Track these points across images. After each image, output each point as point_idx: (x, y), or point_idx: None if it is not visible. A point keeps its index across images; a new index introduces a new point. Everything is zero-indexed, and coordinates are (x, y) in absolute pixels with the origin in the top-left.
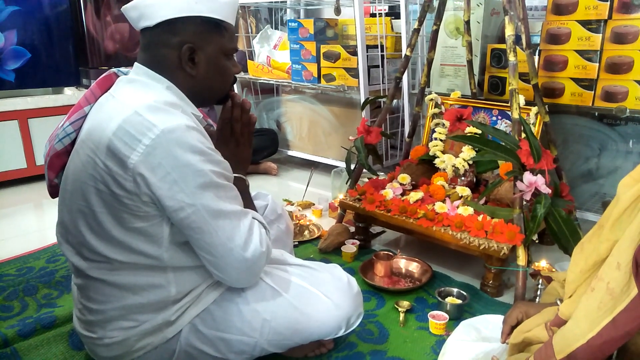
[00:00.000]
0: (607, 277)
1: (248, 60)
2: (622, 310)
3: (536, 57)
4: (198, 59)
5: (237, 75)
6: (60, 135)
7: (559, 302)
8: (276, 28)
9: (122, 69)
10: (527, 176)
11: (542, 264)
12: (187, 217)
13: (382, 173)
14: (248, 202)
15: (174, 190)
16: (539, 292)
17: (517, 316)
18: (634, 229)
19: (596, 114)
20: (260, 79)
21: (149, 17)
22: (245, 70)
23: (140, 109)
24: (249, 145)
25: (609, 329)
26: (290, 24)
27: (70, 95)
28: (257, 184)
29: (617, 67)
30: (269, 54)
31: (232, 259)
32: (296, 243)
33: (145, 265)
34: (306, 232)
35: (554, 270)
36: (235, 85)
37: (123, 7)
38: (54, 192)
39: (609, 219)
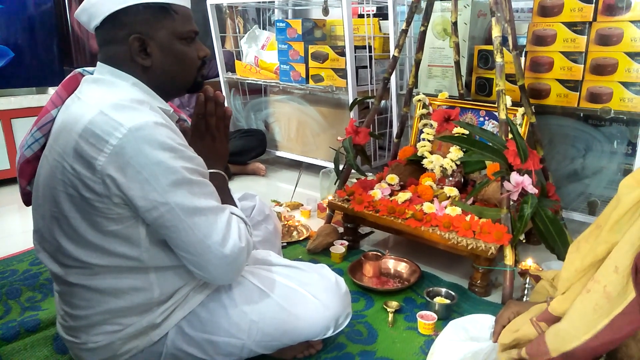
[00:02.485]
0: (604, 280)
1: (236, 61)
2: (619, 313)
3: (522, 59)
4: (150, 49)
5: (225, 76)
6: (29, 142)
7: (549, 300)
8: (264, 28)
9: (88, 68)
10: (514, 176)
11: (528, 263)
12: (161, 216)
13: (371, 174)
14: (227, 197)
15: (145, 189)
16: (526, 291)
17: (509, 316)
18: (634, 233)
19: (581, 114)
20: (248, 80)
21: (95, 16)
22: (233, 71)
23: (105, 108)
24: (225, 140)
25: (606, 332)
26: (278, 24)
27: None
28: (245, 185)
29: (602, 69)
30: (257, 54)
31: (210, 256)
32: (284, 244)
33: (125, 267)
34: (295, 233)
35: (540, 269)
36: (222, 86)
37: (75, 13)
38: (27, 200)
39: (608, 221)
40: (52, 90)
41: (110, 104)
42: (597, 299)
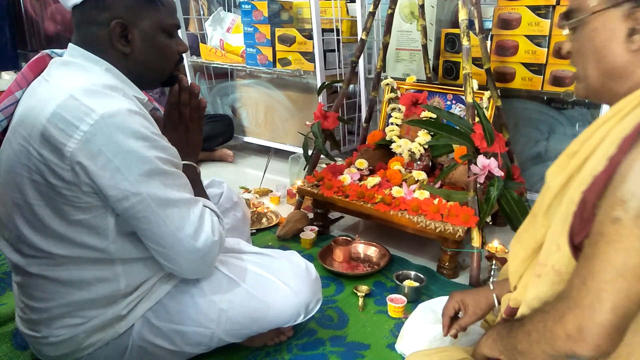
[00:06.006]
0: (549, 261)
1: (200, 44)
2: None
3: (488, 42)
4: (132, 36)
5: (190, 60)
6: None
7: (490, 285)
8: (229, 10)
9: (57, 50)
10: (481, 159)
11: (494, 244)
12: (132, 206)
13: (340, 158)
14: (199, 190)
15: (116, 178)
16: (492, 272)
17: (454, 306)
18: (563, 212)
19: (545, 98)
20: (214, 63)
21: None
22: (198, 54)
23: (76, 92)
24: (199, 131)
25: None
26: (243, 6)
27: (8, 80)
28: (212, 172)
29: None
30: (222, 37)
31: (182, 250)
32: (254, 231)
33: (91, 258)
34: (264, 220)
35: (506, 250)
36: (187, 70)
37: None
38: None
39: (541, 207)
40: (5, 75)
41: (81, 89)
42: (550, 278)
